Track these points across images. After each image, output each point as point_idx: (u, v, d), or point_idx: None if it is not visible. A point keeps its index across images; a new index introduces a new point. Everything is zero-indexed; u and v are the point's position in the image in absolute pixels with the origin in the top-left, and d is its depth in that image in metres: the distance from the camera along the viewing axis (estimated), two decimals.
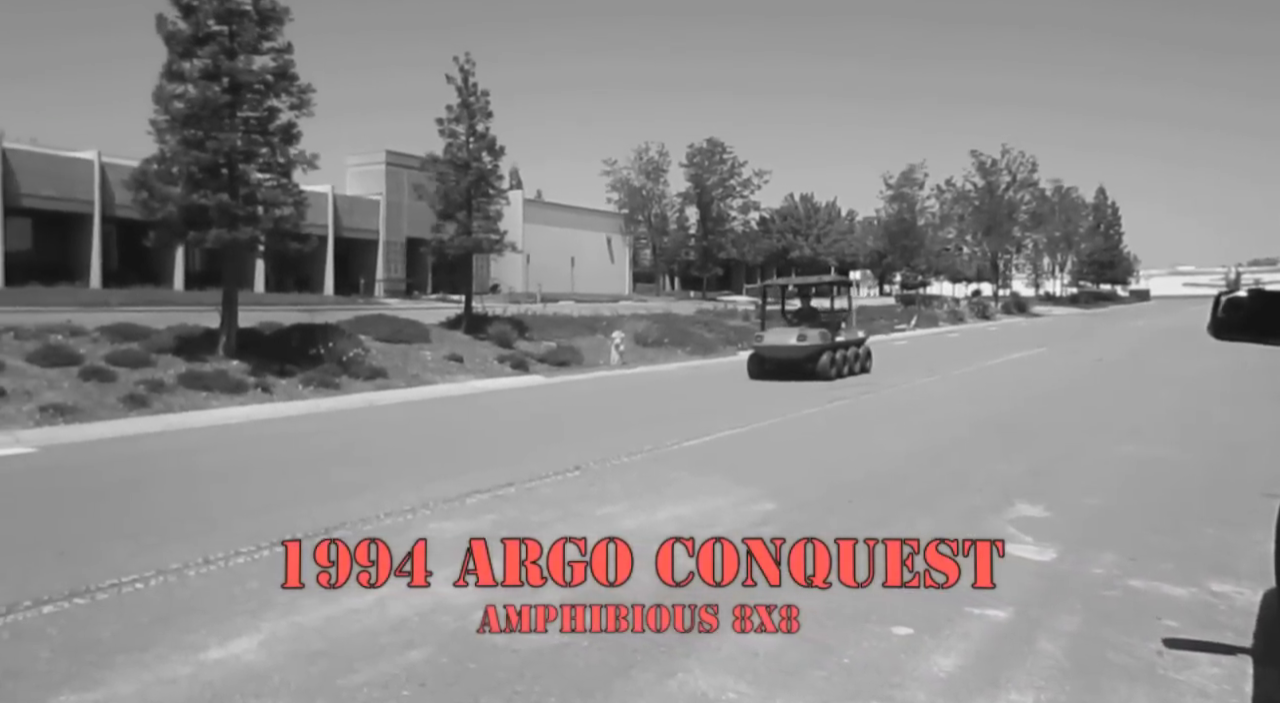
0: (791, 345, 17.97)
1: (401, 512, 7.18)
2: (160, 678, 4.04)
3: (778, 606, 4.94)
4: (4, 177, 32.11)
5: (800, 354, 17.82)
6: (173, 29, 15.64)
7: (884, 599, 5.09)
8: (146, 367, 14.73)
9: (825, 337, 18.12)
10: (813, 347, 17.83)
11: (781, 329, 18.89)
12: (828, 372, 17.68)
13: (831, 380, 17.40)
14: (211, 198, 15.51)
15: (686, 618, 4.81)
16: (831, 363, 17.89)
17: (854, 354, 19.12)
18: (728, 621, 4.80)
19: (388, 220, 45.64)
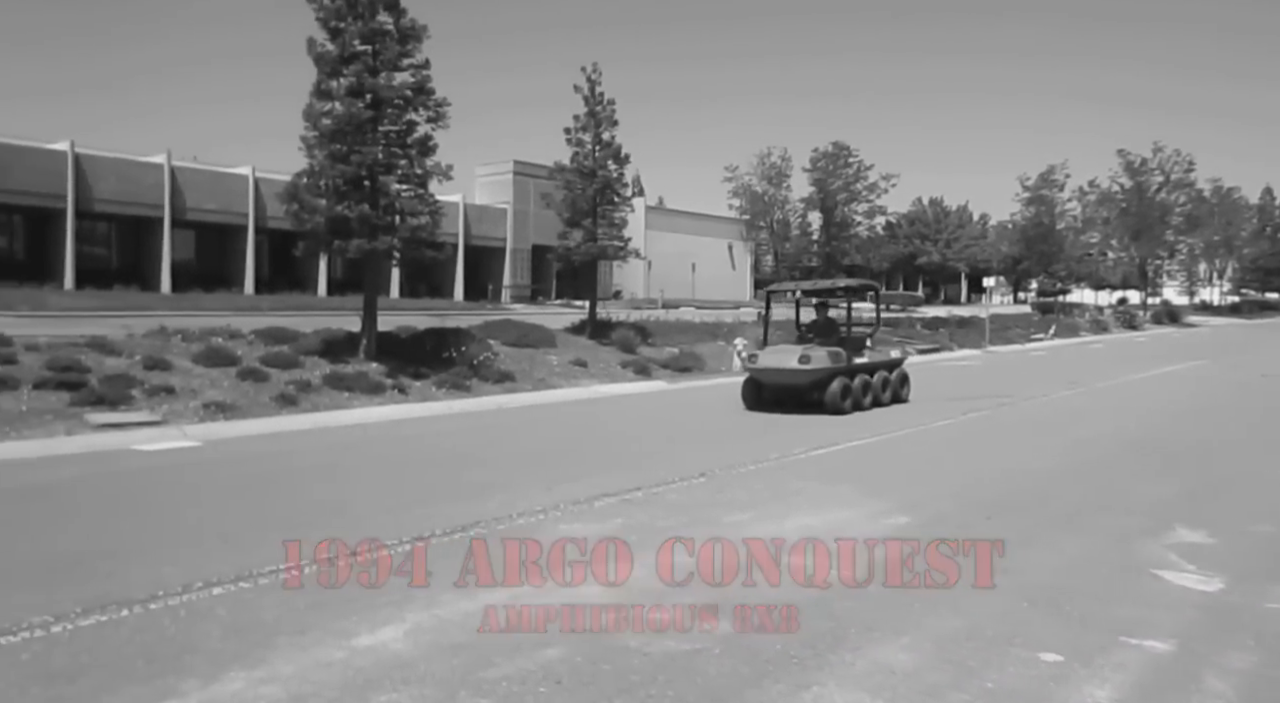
0: (791, 368, 13.99)
1: (533, 512, 7.37)
2: (317, 661, 4.28)
3: (910, 624, 4.81)
4: (172, 193, 34.81)
5: (803, 379, 13.97)
6: (321, 50, 16.58)
7: (1029, 623, 4.87)
8: (295, 368, 15.64)
9: (837, 358, 14.12)
10: (819, 371, 13.87)
11: (783, 347, 15.24)
12: (838, 403, 13.72)
13: (846, 414, 13.64)
14: (354, 209, 16.33)
15: (818, 629, 4.75)
16: (845, 392, 13.89)
17: (881, 380, 14.99)
18: (857, 635, 4.70)
19: (514, 228, 46.96)
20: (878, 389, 14.78)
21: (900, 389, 15.56)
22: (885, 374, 15.17)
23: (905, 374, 15.92)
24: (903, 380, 15.74)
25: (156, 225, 34.79)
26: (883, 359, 15.58)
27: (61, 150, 32.28)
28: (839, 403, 13.73)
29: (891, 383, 15.26)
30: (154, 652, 4.34)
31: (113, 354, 14.62)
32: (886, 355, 15.93)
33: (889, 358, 15.95)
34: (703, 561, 6.01)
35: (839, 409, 13.68)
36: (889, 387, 15.16)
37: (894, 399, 15.20)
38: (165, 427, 11.91)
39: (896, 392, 15.38)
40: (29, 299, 23.97)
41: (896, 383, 15.46)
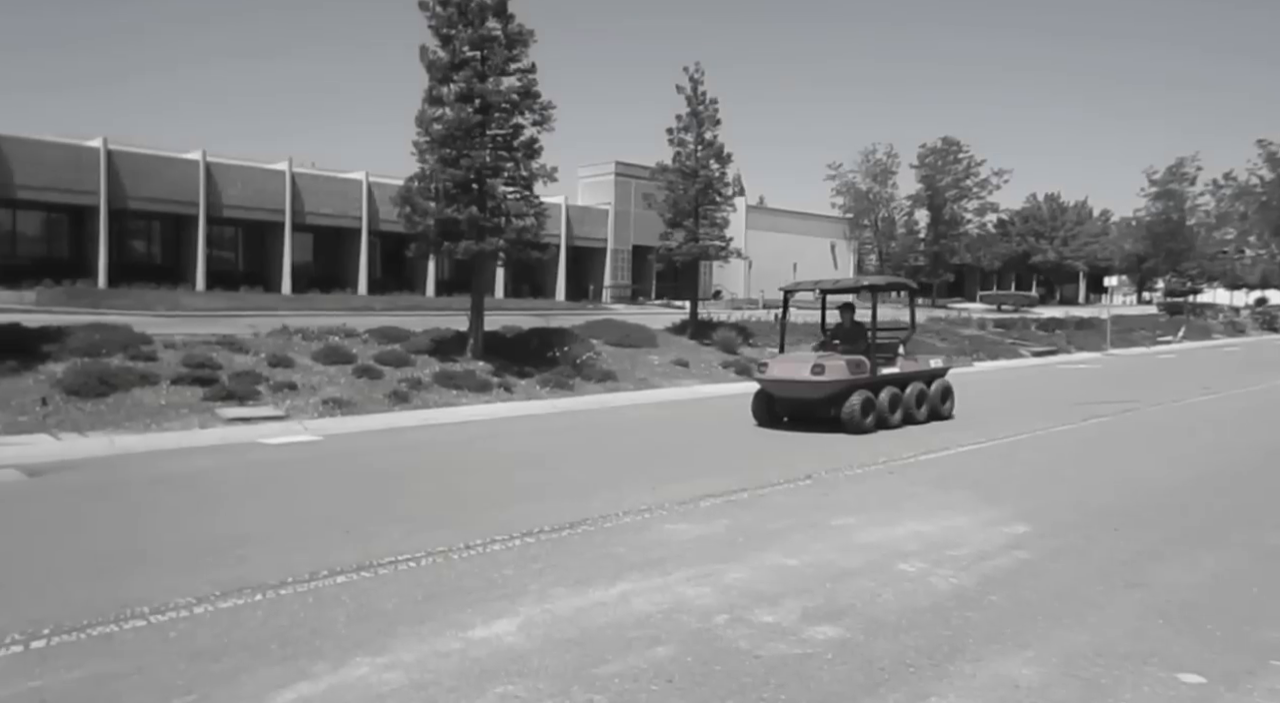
0: (803, 380, 12.15)
1: (638, 511, 7.41)
2: (436, 651, 4.42)
3: (1034, 637, 4.62)
4: (292, 198, 36.53)
5: (817, 392, 12.09)
6: (433, 58, 17.10)
7: (1165, 641, 4.61)
8: (407, 366, 16.19)
9: (858, 368, 12.21)
10: (835, 383, 11.96)
11: (797, 355, 13.61)
12: (857, 420, 11.77)
13: (866, 433, 11.76)
14: (463, 211, 16.78)
15: (934, 637, 4.61)
16: (867, 408, 11.97)
17: (915, 393, 12.87)
18: (977, 646, 4.54)
19: (616, 229, 47.37)
20: (910, 404, 12.69)
21: (941, 404, 13.39)
22: (921, 386, 13.02)
23: (948, 386, 13.68)
24: (944, 394, 13.53)
25: (278, 229, 36.58)
26: (918, 369, 13.28)
27: (194, 160, 34.31)
28: (858, 420, 11.77)
29: (930, 397, 13.15)
30: (286, 635, 4.55)
31: (241, 352, 15.44)
32: (925, 365, 13.62)
33: (927, 368, 13.56)
34: (811, 564, 5.93)
35: (858, 427, 11.75)
36: (925, 401, 13.04)
37: (932, 415, 13.11)
38: (288, 421, 12.50)
39: (936, 407, 13.25)
40: (165, 300, 25.58)
41: (936, 397, 13.30)
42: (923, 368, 13.44)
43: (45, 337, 13.89)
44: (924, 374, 13.37)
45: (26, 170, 30.08)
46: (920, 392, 12.98)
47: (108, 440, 10.74)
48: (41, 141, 31.28)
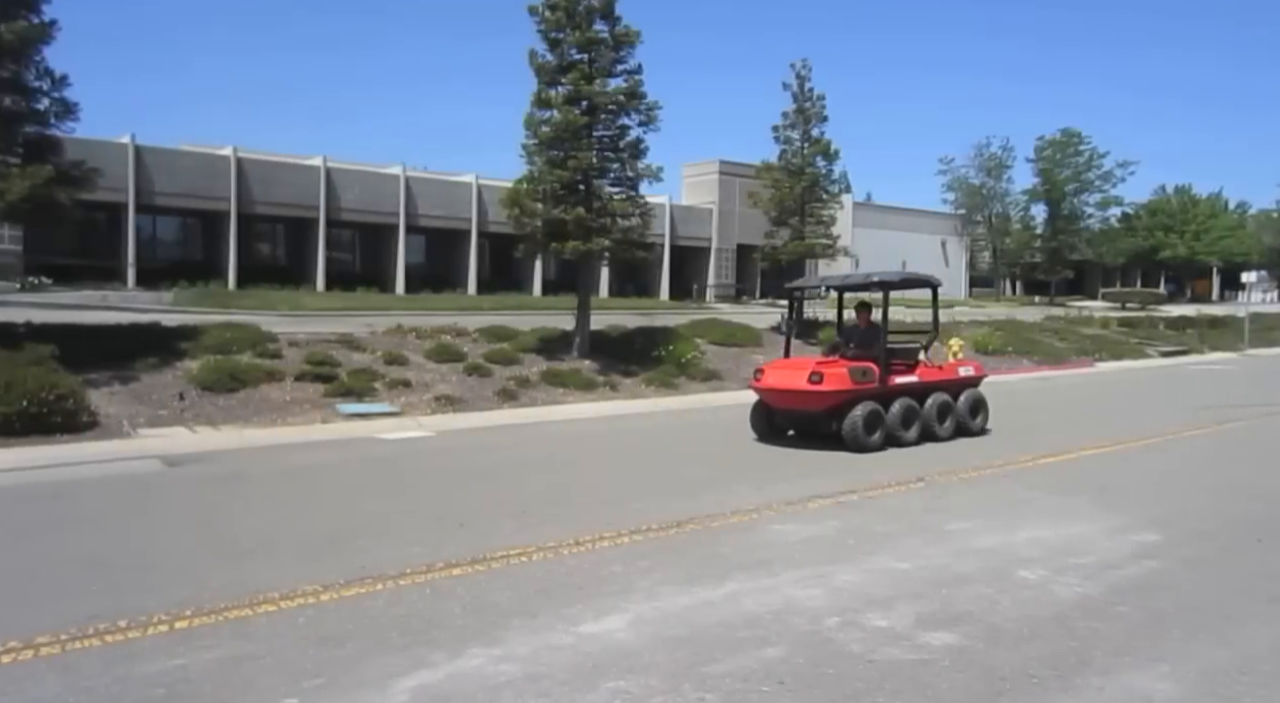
0: (799, 390, 10.67)
1: (745, 511, 7.36)
2: (548, 644, 4.49)
3: (1168, 651, 4.36)
4: (406, 201, 37.85)
5: (815, 404, 10.63)
6: (541, 61, 17.42)
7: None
8: (514, 364, 16.54)
9: (863, 376, 10.59)
10: (835, 392, 10.42)
11: (795, 361, 11.82)
12: (859, 436, 10.23)
13: (873, 450, 10.31)
14: (570, 212, 17.04)
15: (1058, 648, 4.41)
16: (873, 422, 10.37)
17: (938, 405, 11.17)
18: (1105, 658, 4.32)
19: (719, 228, 47.19)
20: (930, 418, 11.05)
21: (971, 418, 11.62)
22: (944, 398, 11.28)
23: (979, 399, 11.87)
24: (975, 407, 11.75)
25: (393, 232, 37.95)
26: (943, 378, 11.62)
27: (315, 165, 35.95)
28: (860, 436, 10.22)
29: (956, 410, 11.42)
30: (406, 624, 4.72)
31: (358, 350, 16.08)
32: (953, 373, 11.93)
33: (954, 377, 11.83)
34: (924, 568, 5.76)
35: (859, 444, 10.22)
36: (950, 414, 11.32)
37: (960, 431, 11.42)
38: (402, 417, 12.94)
39: (964, 421, 11.52)
40: (288, 300, 26.88)
41: (965, 410, 11.55)
42: (949, 377, 11.71)
43: (182, 335, 14.80)
44: (949, 384, 11.59)
45: (164, 179, 32.13)
46: (943, 404, 11.24)
47: (238, 434, 11.37)
48: (178, 151, 33.37)
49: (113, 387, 12.21)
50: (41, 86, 12.62)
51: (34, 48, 12.33)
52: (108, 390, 12.02)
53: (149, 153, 31.91)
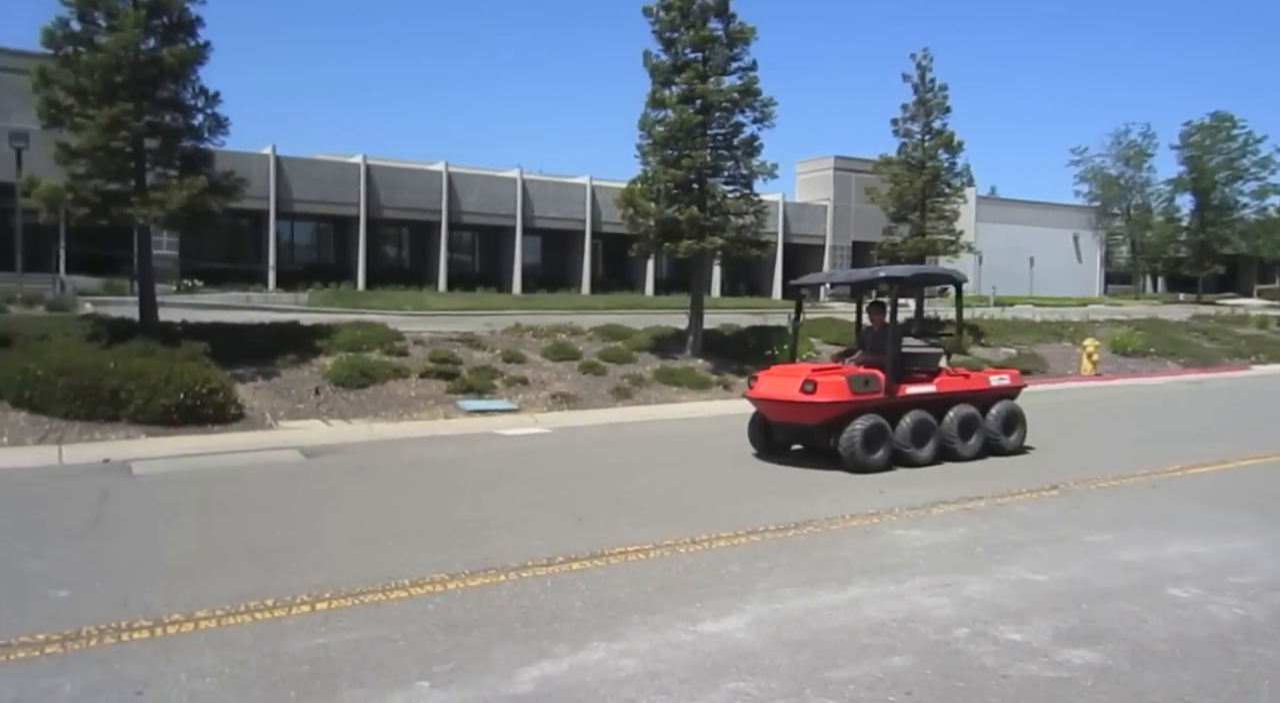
0: (792, 400, 9.35)
1: (865, 514, 7.19)
2: (668, 641, 4.51)
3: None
4: (523, 203, 38.76)
5: (809, 416, 9.31)
6: (655, 62, 17.50)
7: None
8: (628, 363, 16.69)
9: (864, 385, 9.25)
10: (832, 405, 9.11)
11: (791, 368, 10.44)
12: (857, 454, 8.92)
13: (875, 471, 8.94)
14: (684, 211, 17.05)
15: (1221, 674, 4.12)
16: (874, 438, 9.02)
17: (961, 419, 9.64)
18: (1278, 687, 4.00)
19: (834, 225, 46.34)
20: (951, 433, 9.56)
21: (1004, 434, 10.01)
22: (969, 411, 9.74)
23: (1013, 412, 10.20)
24: (1008, 421, 10.10)
25: (510, 233, 38.95)
26: (968, 387, 10.06)
27: (438, 171, 37.27)
28: (858, 453, 8.89)
29: (984, 425, 9.87)
30: (529, 616, 4.82)
31: (479, 349, 16.56)
32: (982, 382, 10.34)
33: (982, 386, 10.24)
34: (1062, 581, 5.49)
35: (858, 463, 8.89)
36: (976, 430, 9.77)
37: (989, 449, 9.87)
38: (520, 414, 13.25)
39: (995, 438, 9.94)
40: (412, 300, 27.94)
41: (997, 424, 9.97)
42: (975, 387, 10.13)
43: (317, 334, 15.59)
44: (976, 395, 9.96)
45: (301, 187, 33.97)
46: (967, 418, 9.69)
47: (367, 427, 11.89)
48: (313, 160, 35.21)
49: (257, 382, 12.98)
50: (196, 104, 13.53)
51: (191, 68, 13.24)
52: (252, 385, 12.78)
53: (287, 163, 33.80)
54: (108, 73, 12.53)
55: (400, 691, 3.89)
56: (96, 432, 10.61)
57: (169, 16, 13.04)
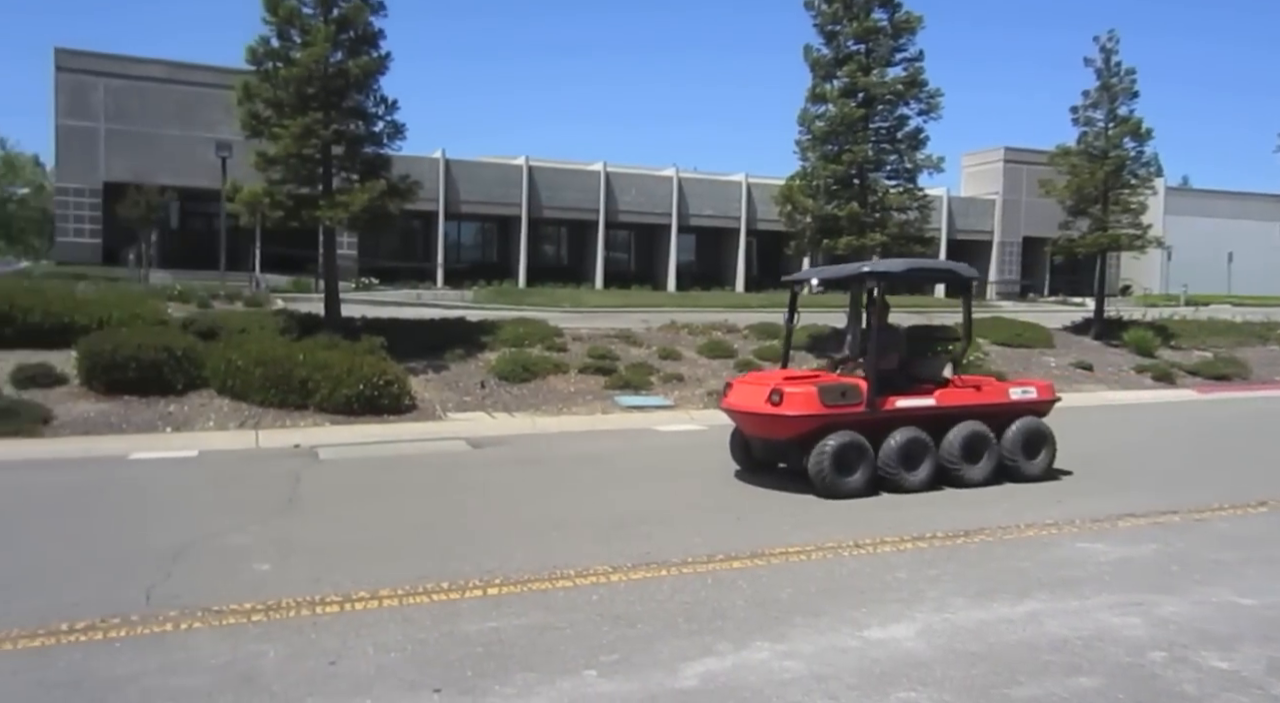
0: (760, 413, 8.13)
1: (1043, 524, 6.79)
2: (833, 645, 4.41)
3: None
4: (678, 201, 39.00)
5: (778, 431, 8.11)
6: (816, 56, 17.18)
7: None
8: None
9: (840, 396, 7.90)
10: (800, 419, 7.84)
11: (768, 375, 9.43)
12: (826, 477, 7.68)
13: (849, 496, 7.69)
14: (843, 207, 16.67)
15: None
16: (847, 459, 7.75)
17: (965, 439, 8.16)
18: None
19: (1003, 219, 44.00)
20: (951, 453, 8.13)
21: (1025, 456, 8.44)
22: (977, 428, 8.23)
23: (1036, 430, 8.57)
24: (1032, 441, 8.50)
25: (665, 231, 39.29)
26: (974, 402, 8.52)
27: (596, 171, 38.09)
28: (827, 475, 7.67)
29: (997, 445, 8.34)
30: (691, 612, 4.84)
31: (635, 345, 16.79)
32: (1001, 395, 8.78)
33: (997, 400, 8.67)
34: (1275, 606, 4.97)
35: (829, 487, 7.68)
36: (987, 451, 8.27)
37: (1003, 472, 8.38)
38: (676, 411, 13.34)
39: (1012, 461, 8.41)
40: (570, 298, 28.69)
41: (1016, 445, 8.41)
42: (988, 401, 8.59)
43: (482, 329, 16.28)
44: (989, 410, 8.46)
45: (468, 188, 35.56)
46: (973, 436, 8.20)
47: (529, 421, 12.29)
48: (479, 163, 36.77)
49: (427, 375, 13.69)
50: (377, 111, 14.42)
51: (373, 78, 14.13)
52: (423, 378, 13.49)
53: (456, 165, 35.45)
54: (301, 85, 13.55)
55: (568, 678, 3.99)
56: (287, 419, 11.49)
57: (354, 30, 13.95)
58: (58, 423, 10.66)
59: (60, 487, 8.16)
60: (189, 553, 5.81)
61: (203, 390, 11.89)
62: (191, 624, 4.55)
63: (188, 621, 4.59)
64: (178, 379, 11.74)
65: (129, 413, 11.09)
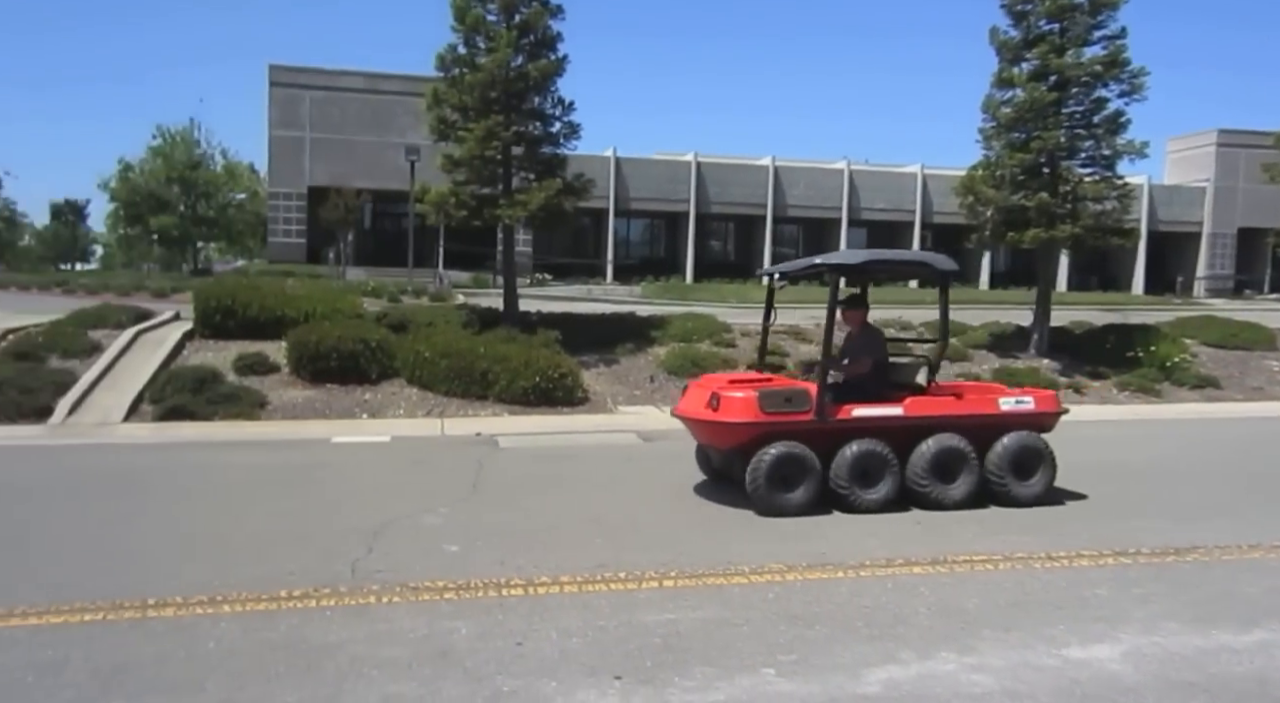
0: (702, 420, 7.37)
1: (1271, 547, 6.12)
2: (1027, 662, 4.15)
3: None
4: (849, 195, 38.02)
5: (722, 439, 7.40)
6: (1003, 38, 16.25)
7: None
8: (962, 361, 15.73)
9: (780, 404, 7.00)
10: (739, 428, 7.04)
11: (721, 378, 8.41)
12: (760, 493, 6.86)
13: (794, 516, 6.82)
14: (1031, 198, 15.69)
15: None
16: (787, 474, 6.88)
17: (937, 453, 7.09)
18: None
19: (1215, 209, 40.07)
20: (918, 471, 7.10)
21: (1015, 476, 7.28)
22: (952, 443, 7.15)
23: (1032, 448, 7.36)
24: (1023, 459, 7.32)
25: (834, 226, 38.41)
26: (953, 412, 7.41)
27: (764, 165, 37.75)
28: (761, 491, 6.87)
29: (975, 465, 7.19)
30: (870, 616, 4.70)
31: (805, 341, 16.54)
32: (990, 406, 7.54)
33: (983, 411, 7.49)
34: None
35: (766, 504, 6.89)
36: (964, 469, 7.17)
37: (988, 493, 7.29)
38: None
39: (997, 481, 7.26)
40: (736, 293, 28.56)
41: (1002, 462, 7.25)
42: (969, 411, 7.47)
43: (651, 324, 16.50)
44: (970, 422, 7.35)
45: (637, 185, 36.16)
46: (945, 452, 7.13)
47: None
48: (649, 160, 37.29)
49: (599, 368, 14.03)
50: (554, 113, 14.92)
51: (551, 80, 14.62)
52: (595, 371, 13.83)
53: (626, 163, 36.12)
54: (484, 89, 14.21)
55: (747, 675, 3.97)
56: (469, 408, 12.09)
57: (534, 34, 14.48)
58: (271, 407, 11.70)
59: (275, 466, 8.95)
60: (386, 532, 6.22)
61: (394, 380, 12.71)
62: (391, 599, 4.86)
63: (388, 595, 4.91)
64: (372, 369, 12.61)
65: (330, 400, 12.01)
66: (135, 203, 38.49)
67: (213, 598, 4.82)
